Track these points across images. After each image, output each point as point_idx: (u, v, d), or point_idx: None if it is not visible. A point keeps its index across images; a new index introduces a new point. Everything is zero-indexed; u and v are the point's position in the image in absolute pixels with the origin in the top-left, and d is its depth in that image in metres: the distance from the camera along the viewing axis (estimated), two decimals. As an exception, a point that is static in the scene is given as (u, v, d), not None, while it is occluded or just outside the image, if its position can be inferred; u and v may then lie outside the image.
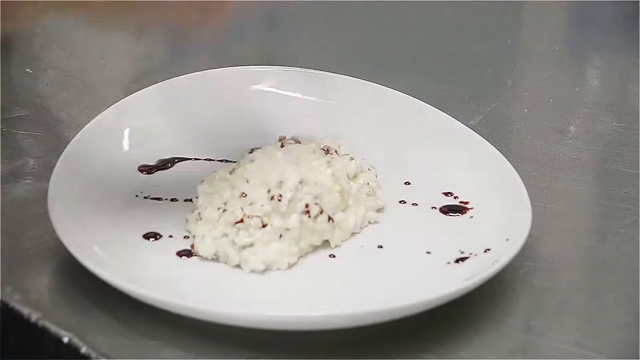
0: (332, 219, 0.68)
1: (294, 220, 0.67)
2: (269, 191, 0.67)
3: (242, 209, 0.67)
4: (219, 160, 0.78)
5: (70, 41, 1.02)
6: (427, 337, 0.61)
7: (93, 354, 0.59)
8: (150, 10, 0.69)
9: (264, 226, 0.66)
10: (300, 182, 0.68)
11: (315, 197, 0.68)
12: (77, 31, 1.06)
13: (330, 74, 0.86)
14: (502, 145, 0.77)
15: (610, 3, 1.21)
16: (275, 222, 0.66)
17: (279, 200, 0.67)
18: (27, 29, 0.99)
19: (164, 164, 0.77)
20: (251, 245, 0.66)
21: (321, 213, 0.67)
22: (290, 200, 0.67)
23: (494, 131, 0.85)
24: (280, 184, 0.68)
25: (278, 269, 0.66)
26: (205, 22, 0.65)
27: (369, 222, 0.71)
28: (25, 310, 0.62)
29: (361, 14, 1.14)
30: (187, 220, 0.69)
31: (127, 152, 0.77)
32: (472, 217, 0.72)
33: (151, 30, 0.97)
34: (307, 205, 0.67)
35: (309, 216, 0.67)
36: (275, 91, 0.84)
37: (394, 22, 1.14)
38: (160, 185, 0.74)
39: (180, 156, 0.78)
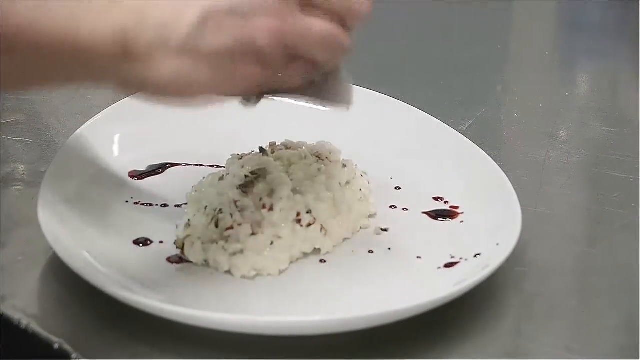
0: (324, 228, 0.68)
1: (285, 228, 0.67)
2: (260, 199, 0.67)
3: (231, 215, 0.67)
4: (210, 166, 0.78)
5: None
6: (417, 341, 0.61)
7: (83, 360, 0.59)
8: None
9: (253, 234, 0.66)
10: (292, 190, 0.68)
11: (307, 205, 0.68)
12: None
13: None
14: (492, 150, 0.77)
15: (600, 8, 1.21)
16: (266, 230, 0.66)
17: (271, 210, 0.67)
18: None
19: (155, 170, 0.77)
20: (241, 252, 0.66)
21: (313, 223, 0.67)
22: (281, 209, 0.67)
23: (484, 136, 0.85)
24: (271, 192, 0.68)
25: (269, 274, 0.66)
26: None
27: (360, 228, 0.71)
28: (15, 316, 0.62)
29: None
30: (177, 226, 0.69)
31: (118, 157, 0.77)
32: (462, 222, 0.72)
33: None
34: (298, 214, 0.67)
35: (301, 225, 0.67)
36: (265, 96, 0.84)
37: (383, 27, 1.14)
38: (151, 191, 0.74)
39: (171, 162, 0.78)
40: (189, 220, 0.69)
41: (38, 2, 0.55)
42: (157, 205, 0.73)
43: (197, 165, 0.78)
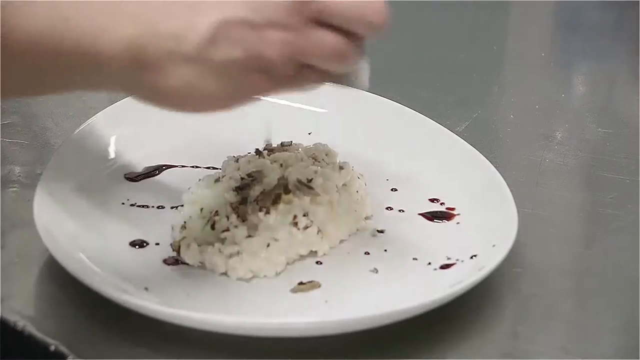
0: (320, 231, 0.68)
1: (281, 231, 0.67)
2: (257, 202, 0.67)
3: (227, 217, 0.67)
4: (206, 168, 0.78)
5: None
6: (413, 343, 0.61)
7: (79, 362, 0.59)
8: None
9: (250, 236, 0.66)
10: (288, 193, 0.68)
11: (303, 207, 0.68)
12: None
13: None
14: (488, 151, 0.77)
15: (596, 10, 1.21)
16: (263, 232, 0.66)
17: (267, 213, 0.66)
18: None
19: (151, 172, 0.77)
20: (237, 254, 0.66)
21: (309, 226, 0.67)
22: (278, 212, 0.67)
23: (480, 137, 0.85)
24: (268, 194, 0.68)
25: (265, 276, 0.66)
26: None
27: (357, 229, 0.71)
28: (11, 318, 0.62)
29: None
30: (173, 228, 0.69)
31: (114, 159, 0.77)
32: (458, 223, 0.72)
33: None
34: (295, 217, 0.67)
35: (297, 228, 0.67)
36: (261, 98, 0.84)
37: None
38: (147, 193, 0.74)
39: (167, 163, 0.78)
40: (185, 222, 0.68)
41: (58, 12, 0.56)
42: (153, 207, 0.73)
43: (193, 167, 0.78)
